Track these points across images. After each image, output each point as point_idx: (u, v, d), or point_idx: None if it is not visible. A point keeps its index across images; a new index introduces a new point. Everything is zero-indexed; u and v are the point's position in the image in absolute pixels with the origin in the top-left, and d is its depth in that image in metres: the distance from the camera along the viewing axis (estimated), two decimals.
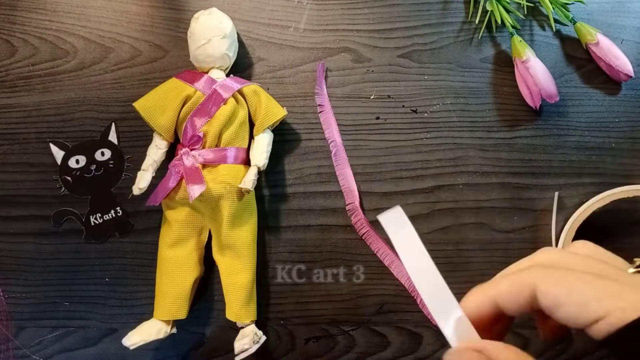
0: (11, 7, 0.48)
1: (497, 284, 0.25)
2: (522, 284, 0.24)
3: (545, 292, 0.23)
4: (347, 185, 0.45)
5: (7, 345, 0.44)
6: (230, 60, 0.44)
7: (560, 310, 0.23)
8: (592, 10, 0.48)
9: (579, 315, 0.23)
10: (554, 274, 0.24)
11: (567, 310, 0.23)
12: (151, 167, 0.41)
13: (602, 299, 0.22)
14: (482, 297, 0.25)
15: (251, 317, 0.42)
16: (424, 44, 0.48)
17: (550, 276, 0.24)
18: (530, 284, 0.24)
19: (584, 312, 0.22)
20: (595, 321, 0.22)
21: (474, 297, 0.25)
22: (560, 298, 0.23)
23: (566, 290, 0.23)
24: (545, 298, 0.23)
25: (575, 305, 0.23)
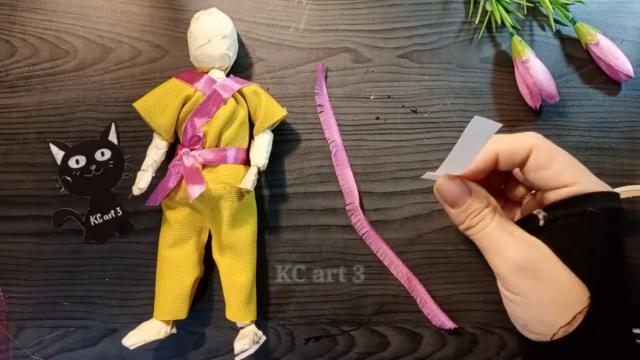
0: (11, 7, 0.48)
1: (502, 142, 0.32)
2: (524, 143, 0.31)
3: (537, 155, 0.30)
4: (347, 185, 0.45)
5: (7, 345, 0.44)
6: (230, 61, 0.44)
7: (539, 173, 0.31)
8: (592, 10, 0.48)
9: (552, 180, 0.30)
10: (546, 143, 0.31)
11: (545, 174, 0.30)
12: (151, 167, 0.41)
13: (575, 172, 0.31)
14: (489, 150, 0.32)
15: (251, 317, 0.42)
16: (424, 44, 0.48)
17: (544, 144, 0.31)
18: (530, 145, 0.31)
19: (557, 178, 0.30)
20: (562, 187, 0.30)
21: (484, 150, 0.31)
22: (545, 163, 0.30)
23: (551, 158, 0.31)
24: (534, 160, 0.31)
25: (554, 172, 0.30)
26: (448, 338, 0.44)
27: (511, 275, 0.29)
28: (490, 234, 0.30)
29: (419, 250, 0.45)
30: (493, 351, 0.43)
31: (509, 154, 0.31)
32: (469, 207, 0.31)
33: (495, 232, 0.30)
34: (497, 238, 0.30)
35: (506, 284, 0.30)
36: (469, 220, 0.31)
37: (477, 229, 0.31)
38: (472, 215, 0.31)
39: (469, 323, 0.44)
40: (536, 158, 0.30)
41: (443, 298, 0.44)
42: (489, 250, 0.30)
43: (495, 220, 0.30)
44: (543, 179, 0.31)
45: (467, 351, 0.44)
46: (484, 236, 0.30)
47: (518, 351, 0.43)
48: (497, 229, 0.30)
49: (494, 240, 0.30)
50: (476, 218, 0.31)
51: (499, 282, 0.31)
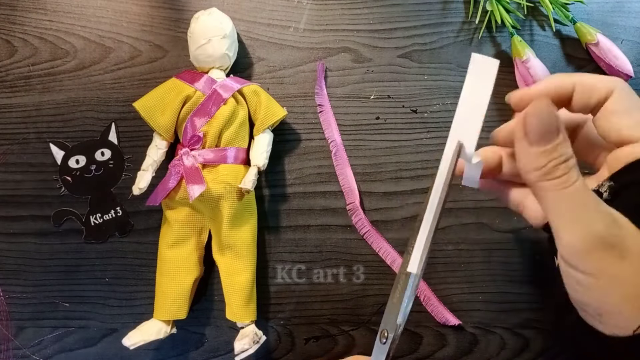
0: (11, 7, 0.48)
1: (583, 75, 0.27)
2: (607, 83, 0.26)
3: (618, 99, 0.26)
4: (347, 185, 0.45)
5: (7, 345, 0.44)
6: (230, 60, 0.44)
7: (614, 118, 0.26)
8: (592, 10, 0.48)
9: (625, 130, 0.25)
10: (631, 92, 0.26)
11: (619, 121, 0.26)
12: (151, 167, 0.41)
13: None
14: (568, 78, 0.27)
15: (251, 317, 0.42)
16: (424, 44, 0.48)
17: (629, 92, 0.26)
18: (612, 87, 0.26)
19: (632, 129, 0.25)
20: (636, 141, 0.25)
21: (560, 76, 0.27)
22: (624, 110, 0.26)
23: (632, 107, 0.26)
24: (613, 103, 0.26)
25: (631, 120, 0.25)
26: (448, 338, 0.44)
27: (591, 252, 0.23)
28: (575, 194, 0.23)
29: None
30: (493, 351, 0.43)
31: (588, 89, 0.26)
32: (556, 149, 0.23)
33: (581, 193, 0.23)
34: (583, 201, 0.23)
35: (580, 261, 0.23)
36: (552, 166, 0.23)
37: (560, 182, 0.23)
38: (556, 160, 0.23)
39: (469, 323, 0.44)
40: (616, 101, 0.26)
41: (443, 298, 0.44)
42: (565, 215, 0.23)
43: (581, 180, 0.23)
44: (615, 127, 0.25)
45: (467, 351, 0.44)
46: (567, 195, 0.23)
47: (518, 351, 0.43)
48: (583, 189, 0.23)
49: (578, 204, 0.23)
50: (562, 166, 0.23)
51: (566, 260, 0.24)
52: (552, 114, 0.24)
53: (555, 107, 0.24)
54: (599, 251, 0.23)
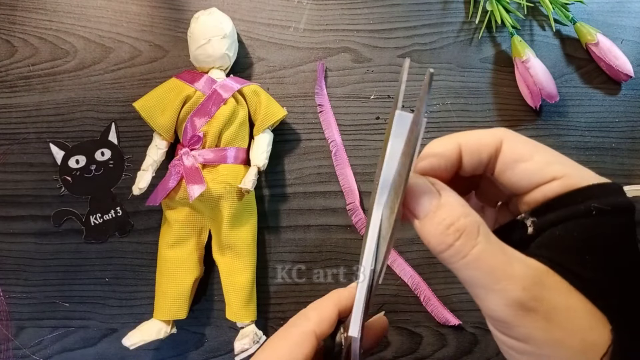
0: (11, 7, 0.48)
1: (466, 134, 0.24)
2: (492, 136, 0.24)
3: (512, 147, 0.23)
4: (347, 185, 0.45)
5: (7, 345, 0.44)
6: (230, 60, 0.44)
7: (519, 167, 0.23)
8: (592, 10, 0.48)
9: (537, 173, 0.23)
10: (520, 136, 0.24)
11: (526, 167, 0.23)
12: (151, 167, 0.41)
13: (563, 163, 0.23)
14: (449, 141, 0.24)
15: (251, 317, 0.42)
16: (424, 44, 0.48)
17: (518, 137, 0.24)
18: (499, 137, 0.24)
19: (543, 170, 0.22)
20: (550, 180, 0.22)
21: (441, 141, 0.24)
22: (524, 155, 0.23)
23: (530, 150, 0.23)
24: (510, 153, 0.23)
25: (537, 163, 0.23)
26: (448, 338, 0.44)
27: (515, 318, 0.20)
28: (478, 262, 0.20)
29: (419, 250, 0.45)
30: (493, 351, 0.43)
31: (475, 147, 0.24)
32: (438, 214, 0.21)
33: (486, 257, 0.20)
34: (490, 265, 0.20)
35: (508, 328, 0.21)
36: (442, 235, 0.21)
37: (455, 252, 0.20)
38: (445, 227, 0.21)
39: (469, 323, 0.44)
40: (512, 149, 0.23)
41: (443, 298, 0.44)
42: (478, 284, 0.20)
43: (482, 238, 0.20)
44: (524, 174, 0.23)
45: (467, 351, 0.44)
46: (468, 264, 0.20)
47: None
48: (488, 250, 0.20)
49: (485, 271, 0.20)
50: (449, 232, 0.21)
51: (495, 327, 0.22)
52: (420, 182, 0.22)
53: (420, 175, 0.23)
54: (521, 318, 0.20)
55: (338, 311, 0.28)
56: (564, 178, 0.22)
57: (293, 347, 0.26)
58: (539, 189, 0.23)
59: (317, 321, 0.28)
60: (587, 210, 0.21)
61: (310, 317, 0.28)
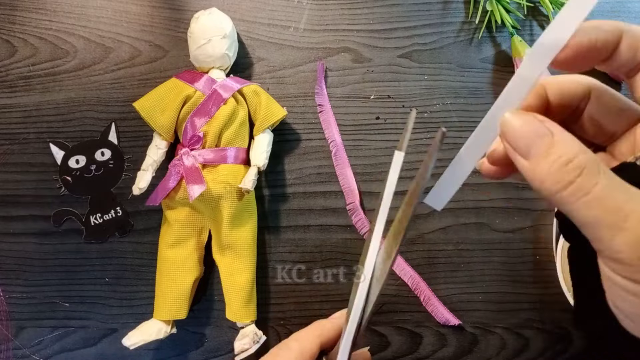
0: (11, 7, 0.48)
1: (630, 25, 0.22)
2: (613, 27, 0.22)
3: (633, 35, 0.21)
4: (347, 185, 0.45)
5: (7, 345, 0.44)
6: (230, 60, 0.44)
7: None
8: (592, 10, 0.48)
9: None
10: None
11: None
12: (151, 167, 0.41)
13: None
14: (612, 24, 0.22)
15: (251, 317, 0.42)
16: (424, 44, 0.48)
17: None
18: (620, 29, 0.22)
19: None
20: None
21: (604, 24, 0.23)
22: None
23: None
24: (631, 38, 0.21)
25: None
26: (448, 338, 0.44)
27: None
28: (601, 201, 0.18)
29: (419, 250, 0.45)
30: (493, 351, 0.43)
31: (637, 41, 0.22)
32: (554, 151, 0.19)
33: (611, 193, 0.18)
34: (616, 202, 0.18)
35: (635, 272, 0.19)
36: (560, 173, 0.19)
37: (574, 191, 0.19)
38: (557, 164, 0.19)
39: (469, 323, 0.44)
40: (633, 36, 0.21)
41: (443, 298, 0.44)
42: (602, 223, 0.19)
43: (604, 174, 0.19)
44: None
45: (467, 351, 0.44)
46: (591, 204, 0.18)
47: (518, 351, 0.43)
48: (612, 187, 0.18)
49: (610, 210, 0.18)
50: (569, 170, 0.19)
51: (615, 270, 0.20)
52: (531, 121, 0.20)
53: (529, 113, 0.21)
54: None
55: (320, 342, 0.29)
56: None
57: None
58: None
59: (298, 352, 0.28)
60: None
61: (291, 348, 0.28)
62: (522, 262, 0.44)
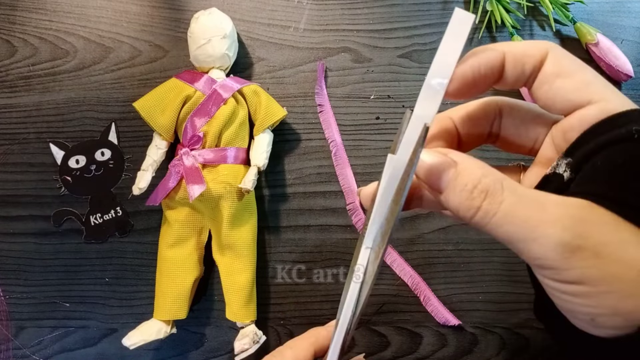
0: (11, 7, 0.48)
1: (510, 44, 0.23)
2: (537, 47, 0.23)
3: (555, 60, 0.22)
4: (347, 185, 0.45)
5: (7, 345, 0.44)
6: (230, 60, 0.44)
7: (557, 82, 0.22)
8: (592, 10, 0.48)
9: (574, 92, 0.22)
10: (566, 52, 0.23)
11: (564, 84, 0.22)
12: (151, 167, 0.41)
13: (603, 86, 0.22)
14: (494, 48, 0.23)
15: (251, 317, 0.42)
16: (424, 44, 0.48)
17: (564, 52, 0.23)
18: (545, 49, 0.22)
19: (581, 90, 0.21)
20: (587, 104, 0.21)
21: (485, 48, 0.23)
22: (566, 71, 0.22)
23: (573, 67, 0.22)
24: (552, 66, 0.22)
25: (577, 82, 0.22)
26: (448, 338, 0.44)
27: (563, 261, 0.19)
28: (509, 216, 0.19)
29: (419, 250, 0.45)
30: (493, 351, 0.43)
31: (520, 56, 0.22)
32: (459, 181, 0.20)
33: (516, 208, 0.19)
34: (522, 216, 0.19)
35: (558, 274, 0.20)
36: (468, 201, 0.20)
37: (484, 214, 0.20)
38: (469, 192, 0.20)
39: (469, 323, 0.44)
40: (554, 63, 0.22)
41: (443, 298, 0.44)
42: (517, 238, 0.20)
43: (508, 191, 0.20)
44: (561, 91, 0.22)
45: (467, 351, 0.44)
46: (500, 220, 0.19)
47: (518, 351, 0.43)
48: (516, 202, 0.19)
49: (519, 221, 0.19)
50: (474, 195, 0.20)
51: (544, 275, 0.21)
52: (433, 154, 0.21)
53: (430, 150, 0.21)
54: (569, 259, 0.19)
55: (314, 350, 0.29)
56: (602, 102, 0.21)
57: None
58: (575, 114, 0.22)
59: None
60: (629, 134, 0.20)
61: (285, 356, 0.29)
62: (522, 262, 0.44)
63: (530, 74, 0.23)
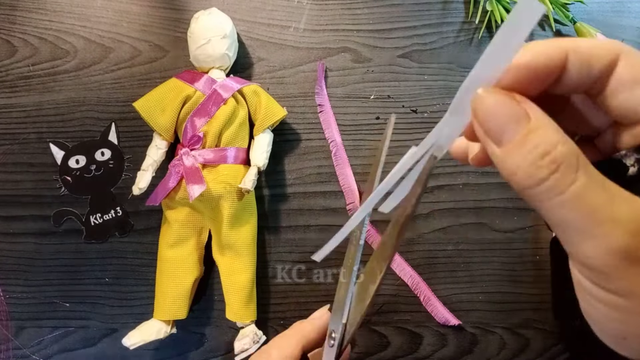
0: (11, 7, 0.48)
1: (574, 40, 0.20)
2: (606, 48, 0.19)
3: (633, 64, 0.19)
4: (347, 185, 0.45)
5: (7, 345, 0.44)
6: (230, 60, 0.44)
7: (635, 90, 0.19)
8: (592, 10, 0.48)
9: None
10: (636, 53, 0.19)
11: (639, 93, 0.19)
12: (151, 167, 0.41)
13: None
14: (555, 44, 0.19)
15: (251, 317, 0.42)
16: (424, 44, 0.48)
17: (633, 54, 0.19)
18: (616, 50, 0.19)
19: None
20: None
21: (544, 43, 0.20)
22: (637, 78, 0.19)
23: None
24: (629, 70, 0.19)
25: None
26: (448, 338, 0.44)
27: (617, 269, 0.17)
28: (576, 201, 0.17)
29: (419, 250, 0.45)
30: (493, 351, 0.43)
31: (587, 56, 0.19)
32: (529, 140, 0.17)
33: (587, 195, 0.17)
34: (591, 205, 0.17)
35: (605, 280, 0.18)
36: (533, 167, 0.17)
37: (549, 188, 0.17)
38: (532, 156, 0.17)
39: (469, 323, 0.44)
40: (632, 67, 0.19)
41: (443, 298, 0.44)
42: (574, 226, 0.17)
43: (583, 172, 0.17)
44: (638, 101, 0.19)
45: (467, 351, 0.44)
46: (565, 203, 0.17)
47: (518, 351, 0.43)
48: (589, 187, 0.17)
49: (584, 212, 0.17)
50: (544, 164, 0.17)
51: (587, 276, 0.18)
52: (506, 101, 0.18)
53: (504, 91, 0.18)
54: (626, 268, 0.17)
55: (302, 346, 0.28)
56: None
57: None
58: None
59: None
60: None
61: (272, 355, 0.28)
62: (522, 262, 0.44)
63: (597, 78, 0.19)
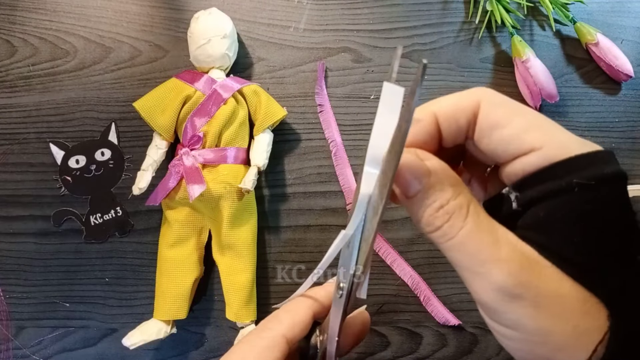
0: (11, 7, 0.48)
1: (440, 100, 0.22)
2: (468, 98, 0.21)
3: (488, 110, 0.21)
4: (347, 185, 0.45)
5: (7, 345, 0.44)
6: (230, 60, 0.44)
7: (496, 133, 0.21)
8: (592, 10, 0.48)
9: (513, 142, 0.20)
10: (499, 96, 0.22)
11: (502, 135, 0.21)
12: (151, 167, 0.41)
13: (543, 130, 0.20)
14: (422, 112, 0.22)
15: (251, 317, 0.42)
16: (424, 44, 0.48)
17: (496, 97, 0.21)
18: (476, 99, 0.21)
19: (520, 139, 0.20)
20: (528, 152, 0.20)
21: (419, 113, 0.22)
22: (502, 120, 0.21)
23: (508, 113, 0.21)
24: (486, 118, 0.21)
25: (514, 129, 0.20)
26: (448, 338, 0.44)
27: (501, 305, 0.19)
28: (463, 245, 0.19)
29: (419, 250, 0.45)
30: (493, 351, 0.43)
31: (451, 113, 0.22)
32: (428, 195, 0.20)
33: (472, 239, 0.19)
34: (476, 247, 0.19)
35: (495, 314, 0.20)
36: (431, 217, 0.20)
37: (442, 234, 0.20)
38: (434, 209, 0.20)
39: (469, 323, 0.44)
40: (488, 114, 0.21)
41: (443, 298, 0.44)
42: (464, 266, 0.20)
43: (471, 219, 0.19)
44: (500, 143, 0.21)
45: (467, 351, 0.44)
46: (455, 246, 0.20)
47: None
48: (475, 232, 0.19)
49: (471, 252, 0.19)
50: (438, 215, 0.20)
51: (482, 311, 0.21)
52: (410, 159, 0.20)
53: (411, 149, 0.21)
54: (508, 304, 0.19)
55: (313, 313, 0.27)
56: (543, 149, 0.20)
57: (261, 352, 0.25)
58: (518, 161, 0.21)
59: (289, 324, 0.26)
60: (569, 187, 0.19)
61: (282, 320, 0.26)
62: None
63: (467, 128, 0.22)
